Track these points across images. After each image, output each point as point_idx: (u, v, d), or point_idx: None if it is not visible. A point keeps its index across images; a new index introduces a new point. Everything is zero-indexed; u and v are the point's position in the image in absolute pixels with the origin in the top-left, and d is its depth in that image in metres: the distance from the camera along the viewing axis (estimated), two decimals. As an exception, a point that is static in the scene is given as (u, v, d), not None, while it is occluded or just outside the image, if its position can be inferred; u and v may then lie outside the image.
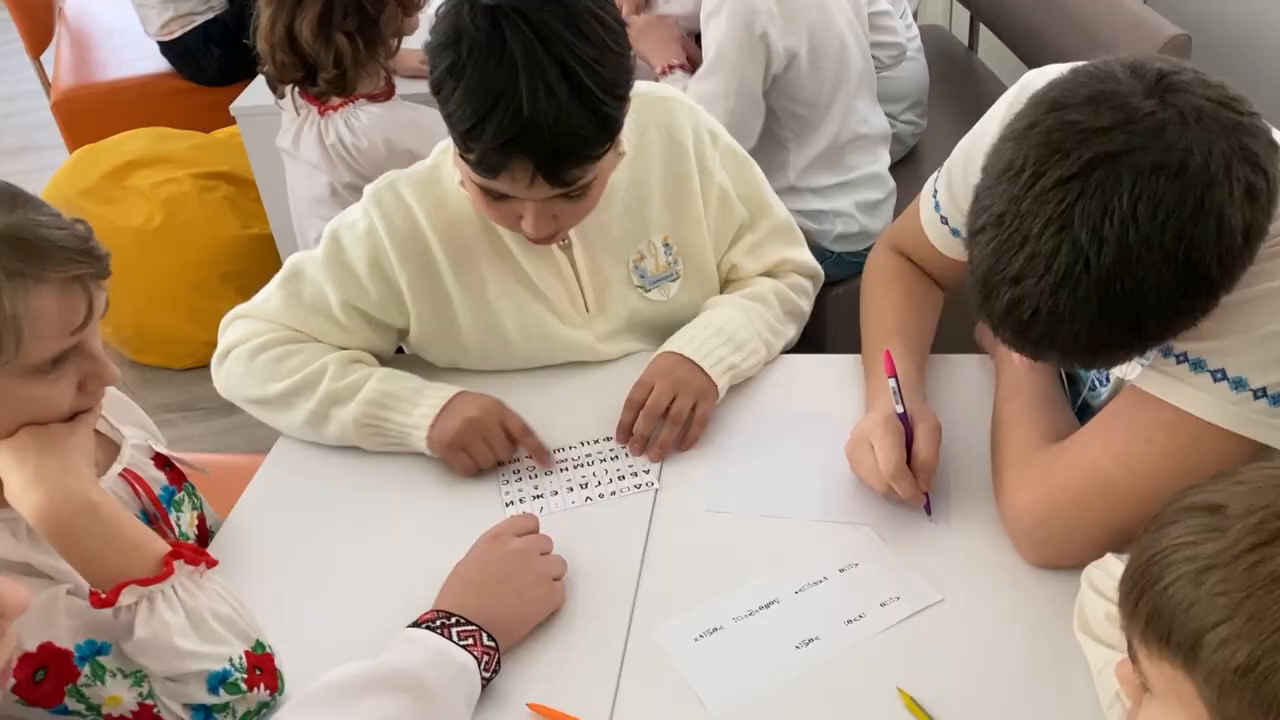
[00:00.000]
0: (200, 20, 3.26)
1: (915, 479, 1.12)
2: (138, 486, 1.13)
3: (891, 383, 1.16)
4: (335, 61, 1.89)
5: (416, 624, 1.01)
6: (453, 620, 1.01)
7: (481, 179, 1.14)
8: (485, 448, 1.25)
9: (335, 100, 1.95)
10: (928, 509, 1.15)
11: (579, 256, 1.35)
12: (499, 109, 1.05)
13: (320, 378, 1.30)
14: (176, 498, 1.18)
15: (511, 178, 1.11)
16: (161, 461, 1.20)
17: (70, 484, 0.94)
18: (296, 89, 1.98)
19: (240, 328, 1.36)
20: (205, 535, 1.24)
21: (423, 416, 1.26)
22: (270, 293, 1.36)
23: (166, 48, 3.35)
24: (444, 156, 1.33)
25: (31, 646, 0.93)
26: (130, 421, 1.21)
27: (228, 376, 1.35)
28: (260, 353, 1.32)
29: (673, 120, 1.36)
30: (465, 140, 1.10)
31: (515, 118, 1.05)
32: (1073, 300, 0.84)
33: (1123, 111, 0.83)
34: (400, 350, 1.46)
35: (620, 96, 1.13)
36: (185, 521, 1.19)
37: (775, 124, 2.00)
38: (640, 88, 1.33)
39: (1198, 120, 0.82)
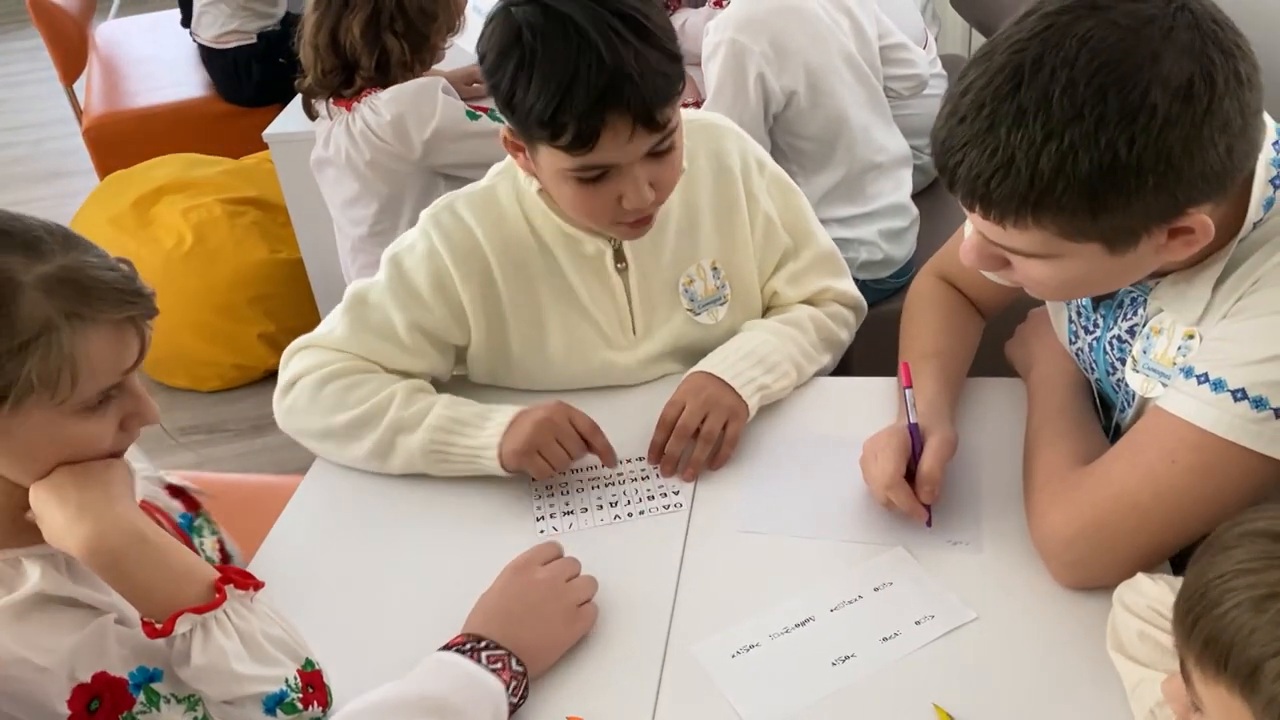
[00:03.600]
0: (253, 38, 3.34)
1: (915, 491, 1.14)
2: (158, 518, 1.12)
3: (907, 394, 1.18)
4: (379, 62, 1.98)
5: (446, 648, 1.02)
6: (482, 644, 1.02)
7: (580, 157, 1.15)
8: (559, 448, 1.24)
9: (364, 93, 2.03)
10: (928, 522, 1.16)
11: (633, 279, 1.37)
12: (583, 69, 1.09)
13: (388, 406, 1.29)
14: (196, 523, 1.18)
15: (614, 133, 1.13)
16: (172, 490, 1.20)
17: (118, 513, 0.94)
18: (331, 99, 2.05)
19: (306, 358, 1.35)
20: (225, 559, 1.24)
21: (490, 437, 1.26)
22: (334, 321, 1.36)
23: (212, 57, 3.41)
24: (499, 179, 1.36)
25: (85, 677, 0.93)
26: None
27: (290, 408, 1.34)
28: (328, 383, 1.32)
29: (721, 147, 1.38)
30: (556, 118, 1.11)
31: (600, 69, 1.09)
32: (991, 119, 0.88)
33: None
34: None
35: (674, 37, 1.17)
36: (208, 546, 1.19)
37: (781, 160, 2.02)
38: (689, 114, 1.36)
39: (1179, 10, 0.86)
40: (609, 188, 1.20)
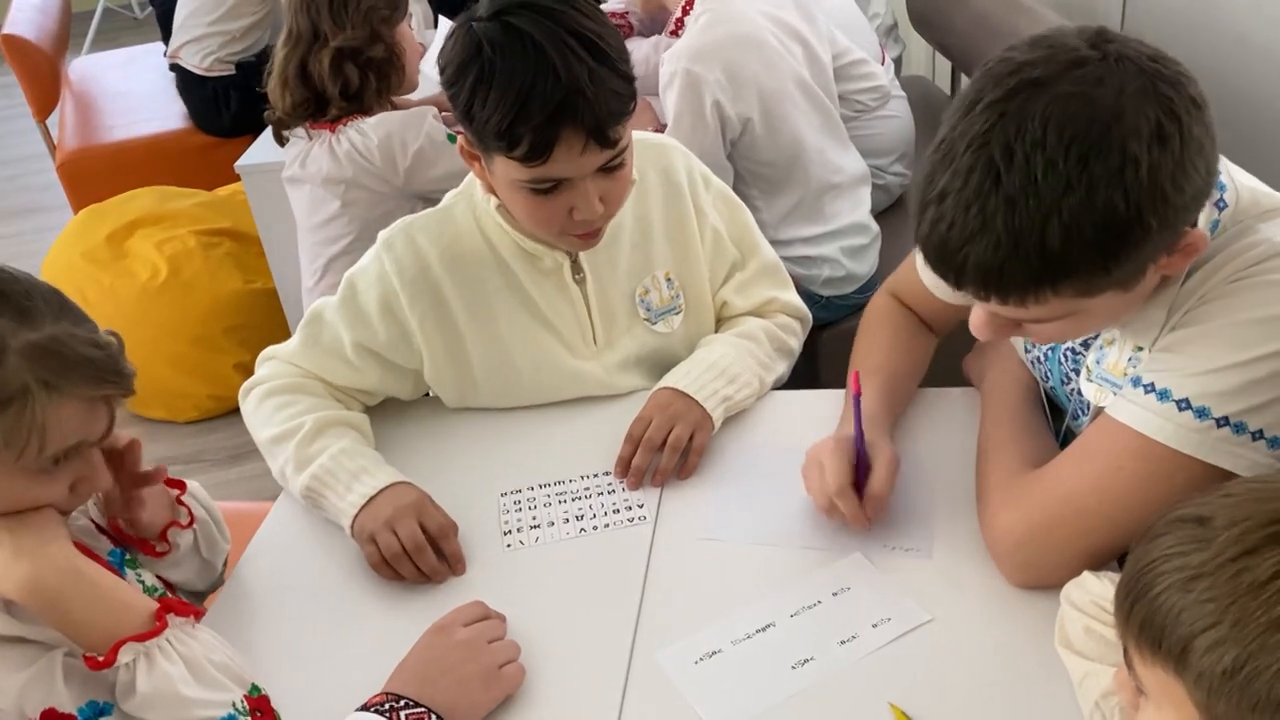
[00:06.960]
0: (233, 68, 3.38)
1: (863, 506, 1.17)
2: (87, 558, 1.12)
3: (856, 401, 1.21)
4: (343, 91, 2.04)
5: (365, 707, 1.00)
6: (401, 703, 1.01)
7: (533, 169, 1.18)
8: (411, 567, 1.22)
9: (347, 119, 2.08)
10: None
11: (591, 289, 1.41)
12: (539, 85, 1.13)
13: (294, 434, 1.32)
14: (129, 557, 1.16)
15: (567, 147, 1.16)
16: (99, 528, 1.18)
17: (53, 552, 0.95)
18: (309, 124, 2.10)
19: (267, 368, 1.42)
20: (169, 586, 1.21)
21: (350, 505, 1.26)
22: (295, 335, 1.42)
23: (194, 86, 3.43)
24: (457, 199, 1.40)
25: (33, 714, 0.93)
26: None
27: (245, 412, 1.41)
28: (269, 397, 1.37)
29: (669, 164, 1.43)
30: (512, 130, 1.15)
31: (556, 86, 1.13)
32: (981, 215, 0.89)
33: (1054, 49, 0.91)
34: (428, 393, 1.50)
35: (627, 59, 1.21)
36: (148, 578, 1.16)
37: (742, 184, 2.07)
38: (638, 135, 1.40)
39: (1118, 61, 0.89)
40: (560, 200, 1.23)
